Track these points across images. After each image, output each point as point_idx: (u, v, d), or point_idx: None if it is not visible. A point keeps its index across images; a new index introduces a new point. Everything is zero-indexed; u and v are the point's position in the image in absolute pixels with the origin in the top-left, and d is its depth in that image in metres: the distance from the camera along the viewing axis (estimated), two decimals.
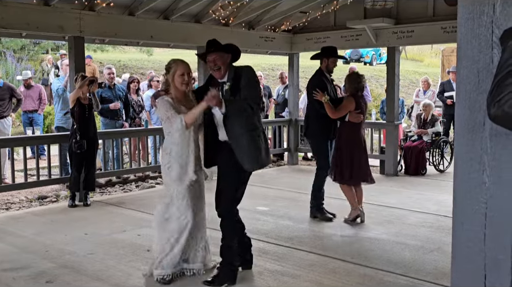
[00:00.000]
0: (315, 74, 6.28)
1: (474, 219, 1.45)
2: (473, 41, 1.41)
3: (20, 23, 6.53)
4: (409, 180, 8.74)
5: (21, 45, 18.60)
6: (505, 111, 1.18)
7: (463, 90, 1.44)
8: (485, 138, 1.40)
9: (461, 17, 1.43)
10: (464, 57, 1.43)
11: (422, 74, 19.27)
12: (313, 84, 6.06)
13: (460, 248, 1.51)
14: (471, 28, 1.41)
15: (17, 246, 5.15)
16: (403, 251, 4.97)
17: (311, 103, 6.16)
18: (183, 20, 8.17)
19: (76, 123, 6.63)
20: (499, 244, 1.41)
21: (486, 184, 1.42)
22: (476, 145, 1.42)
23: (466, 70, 1.42)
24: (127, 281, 4.22)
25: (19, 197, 7.58)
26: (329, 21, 9.48)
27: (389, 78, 9.17)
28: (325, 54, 6.18)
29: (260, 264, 4.55)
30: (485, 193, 1.42)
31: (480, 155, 1.41)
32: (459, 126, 1.47)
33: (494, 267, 1.42)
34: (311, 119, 6.19)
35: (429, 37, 8.49)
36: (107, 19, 7.25)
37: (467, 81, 1.42)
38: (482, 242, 1.44)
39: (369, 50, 26.63)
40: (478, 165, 1.42)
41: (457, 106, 1.48)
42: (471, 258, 1.48)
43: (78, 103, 6.63)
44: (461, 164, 1.47)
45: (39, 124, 10.57)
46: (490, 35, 1.37)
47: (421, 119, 9.59)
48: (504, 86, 1.19)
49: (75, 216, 6.34)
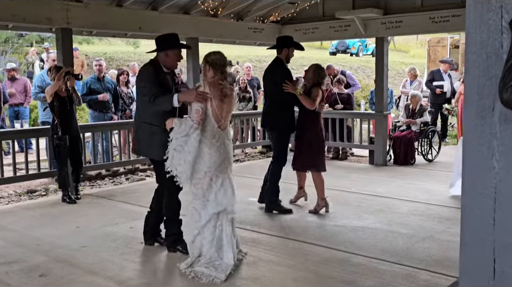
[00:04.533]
0: (277, 64, 6.09)
1: (483, 203, 1.46)
2: (482, 27, 1.41)
3: (6, 15, 6.45)
4: (398, 169, 8.80)
5: (5, 38, 18.33)
6: None
7: (471, 75, 1.44)
8: (495, 123, 1.41)
9: (469, 2, 1.43)
10: (472, 42, 1.43)
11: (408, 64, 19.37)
12: (282, 76, 5.91)
13: (470, 232, 1.52)
14: (479, 13, 1.41)
15: (8, 240, 5.10)
16: (396, 240, 5.01)
17: (277, 95, 5.95)
18: (171, 11, 8.11)
19: (57, 118, 6.44)
20: (508, 228, 1.43)
21: (495, 169, 1.43)
22: (485, 130, 1.43)
23: (475, 56, 1.43)
24: (121, 274, 4.21)
25: (7, 191, 7.50)
26: (317, 11, 9.47)
27: (378, 69, 9.21)
28: (287, 44, 6.13)
29: (255, 255, 4.56)
30: (494, 178, 1.43)
31: (489, 141, 1.42)
32: (468, 111, 1.47)
33: (503, 251, 1.44)
34: (277, 112, 6.02)
35: (417, 27, 8.53)
36: (95, 10, 7.17)
37: (476, 67, 1.43)
38: (491, 227, 1.45)
39: (355, 41, 26.71)
40: (487, 150, 1.43)
41: (466, 92, 1.48)
42: (480, 242, 1.49)
43: (57, 96, 6.43)
44: (470, 149, 1.48)
45: (26, 117, 10.44)
46: (500, 20, 1.37)
47: (409, 110, 9.64)
48: None
49: (65, 210, 6.29)
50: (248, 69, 11.30)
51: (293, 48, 6.17)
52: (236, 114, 10.29)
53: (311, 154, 6.02)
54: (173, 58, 4.59)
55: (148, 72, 4.55)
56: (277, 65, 6.10)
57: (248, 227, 5.43)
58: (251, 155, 10.71)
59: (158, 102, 4.38)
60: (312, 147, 6.01)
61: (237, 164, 9.78)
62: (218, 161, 4.20)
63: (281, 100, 5.97)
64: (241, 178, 8.10)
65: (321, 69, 6.16)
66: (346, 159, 9.97)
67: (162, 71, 4.59)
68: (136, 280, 4.08)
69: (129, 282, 4.03)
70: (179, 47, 4.64)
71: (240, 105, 10.63)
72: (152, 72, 4.52)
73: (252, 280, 4.04)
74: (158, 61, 4.61)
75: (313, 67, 6.15)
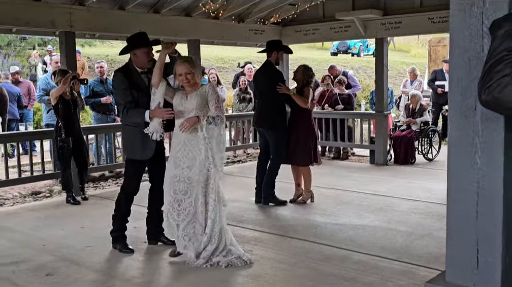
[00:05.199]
0: (268, 66, 6.41)
1: (467, 197, 1.55)
2: (465, 31, 1.50)
3: (10, 19, 6.54)
4: (399, 169, 8.87)
5: (8, 41, 18.47)
6: (494, 96, 1.27)
7: (455, 77, 1.53)
8: (477, 122, 1.50)
9: (453, 9, 1.53)
10: (456, 46, 1.53)
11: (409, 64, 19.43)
12: (277, 79, 6.23)
13: (455, 224, 1.61)
14: (462, 19, 1.51)
15: (14, 241, 5.19)
16: (395, 237, 5.09)
17: (271, 96, 6.24)
18: (173, 13, 8.20)
19: (61, 120, 6.54)
20: (490, 220, 1.52)
21: (478, 164, 1.52)
22: (468, 128, 1.52)
23: (458, 59, 1.52)
24: (125, 272, 4.30)
25: (12, 193, 7.60)
26: (318, 13, 9.55)
27: (378, 69, 9.29)
28: (278, 47, 6.42)
29: (257, 253, 4.64)
30: (477, 173, 1.52)
31: (472, 138, 1.51)
32: (453, 111, 1.56)
33: (486, 242, 1.53)
34: (273, 112, 6.29)
35: (417, 27, 8.61)
36: (97, 13, 7.26)
37: (459, 69, 1.52)
38: (474, 219, 1.54)
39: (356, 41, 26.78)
40: (470, 147, 1.52)
41: (450, 92, 1.57)
42: (464, 233, 1.58)
43: (61, 99, 6.53)
44: (454, 146, 1.57)
45: (29, 120, 10.55)
46: (481, 25, 1.47)
47: (409, 109, 9.72)
48: (493, 73, 1.28)
49: (70, 211, 6.38)
50: (249, 70, 11.38)
51: (282, 52, 6.52)
52: (237, 115, 10.40)
53: (302, 150, 6.35)
54: (142, 57, 4.60)
55: (117, 79, 4.65)
56: (268, 67, 6.41)
57: (249, 226, 5.52)
58: (253, 156, 10.79)
59: (130, 114, 4.54)
60: (304, 143, 6.35)
61: (239, 165, 9.88)
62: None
63: (275, 100, 6.26)
64: (243, 178, 8.22)
65: (309, 69, 6.48)
66: (347, 159, 10.05)
67: (135, 72, 4.64)
68: (141, 278, 4.17)
69: (133, 281, 4.12)
70: (144, 45, 4.62)
71: (240, 105, 10.73)
72: (121, 78, 4.59)
73: (254, 277, 4.12)
74: (131, 63, 4.68)
75: (301, 68, 6.46)
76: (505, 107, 1.28)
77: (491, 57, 1.30)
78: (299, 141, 6.34)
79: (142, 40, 4.62)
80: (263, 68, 6.51)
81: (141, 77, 4.64)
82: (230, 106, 13.19)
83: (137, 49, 4.58)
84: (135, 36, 4.65)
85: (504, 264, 1.52)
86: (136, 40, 4.62)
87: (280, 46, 6.47)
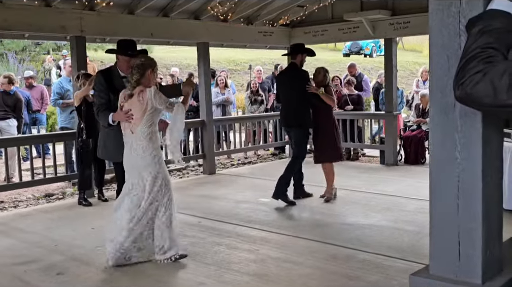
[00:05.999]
0: (294, 68, 6.62)
1: (448, 191, 1.59)
2: (443, 30, 1.55)
3: (22, 24, 6.68)
4: (409, 169, 8.86)
5: (23, 46, 18.76)
6: (467, 92, 1.32)
7: (435, 75, 1.58)
8: (456, 118, 1.55)
9: (432, 8, 1.57)
10: (435, 44, 1.57)
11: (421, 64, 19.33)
12: (305, 79, 6.51)
13: (437, 218, 1.65)
14: (440, 18, 1.55)
15: (26, 241, 5.30)
16: (401, 237, 5.11)
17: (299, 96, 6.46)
18: (182, 16, 8.30)
19: (83, 122, 6.68)
20: (471, 213, 1.56)
21: (458, 159, 1.56)
22: (448, 124, 1.56)
23: (437, 57, 1.56)
24: (135, 270, 4.37)
25: (25, 195, 7.75)
26: (326, 14, 9.58)
27: (387, 69, 9.29)
28: (302, 50, 6.68)
29: (263, 253, 4.70)
30: (457, 167, 1.56)
31: (452, 134, 1.55)
32: (434, 108, 1.61)
33: (467, 235, 1.57)
34: (302, 111, 6.52)
35: (425, 27, 8.33)
36: (107, 18, 7.38)
37: (438, 67, 1.56)
38: (456, 212, 1.58)
39: (368, 42, 26.68)
40: (450, 142, 1.56)
41: (431, 90, 1.62)
42: (446, 227, 1.62)
43: (85, 101, 6.67)
44: (436, 142, 1.61)
45: (43, 124, 10.72)
46: (458, 24, 1.51)
47: (419, 109, 9.70)
48: (467, 71, 1.32)
49: (82, 212, 6.49)
50: (259, 73, 11.45)
51: (306, 55, 6.71)
52: (248, 116, 10.47)
53: (331, 146, 6.60)
54: (122, 63, 4.86)
55: (96, 81, 4.92)
56: (294, 69, 6.64)
57: (257, 227, 5.57)
58: (263, 157, 10.85)
59: (100, 116, 4.74)
60: (332, 139, 6.60)
61: (250, 166, 9.95)
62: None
63: (304, 100, 6.48)
64: (253, 180, 8.29)
65: (328, 72, 6.90)
66: (357, 160, 10.06)
67: (117, 75, 4.85)
68: (149, 276, 4.25)
69: (141, 280, 4.20)
70: (124, 54, 4.82)
71: (252, 107, 10.79)
72: (100, 80, 4.85)
73: (259, 276, 4.18)
74: (116, 65, 4.92)
75: (323, 70, 6.80)
76: (477, 103, 1.32)
77: (466, 54, 1.34)
78: (326, 138, 6.58)
79: (126, 48, 4.83)
80: (290, 70, 6.77)
81: (122, 80, 4.81)
82: (241, 108, 13.27)
83: (120, 55, 4.84)
84: (123, 42, 4.88)
85: (484, 256, 1.56)
86: (120, 47, 4.85)
87: (304, 49, 6.71)
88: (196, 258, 4.61)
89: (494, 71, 1.27)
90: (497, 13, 1.37)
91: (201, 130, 8.99)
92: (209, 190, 7.56)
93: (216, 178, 8.57)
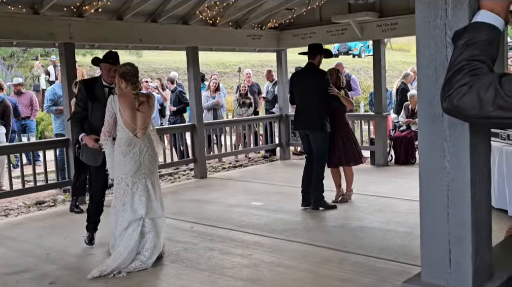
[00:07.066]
0: (313, 69, 6.39)
1: (438, 200, 1.62)
2: (430, 42, 1.58)
3: (10, 32, 6.66)
4: (399, 169, 8.92)
5: (11, 52, 18.63)
6: (454, 104, 1.35)
7: (423, 86, 1.61)
8: (444, 128, 1.57)
9: (418, 20, 1.60)
10: (422, 56, 1.60)
11: (410, 64, 19.47)
12: (326, 81, 6.32)
13: (428, 226, 1.68)
14: (427, 30, 1.58)
15: (18, 250, 5.28)
16: (393, 238, 5.14)
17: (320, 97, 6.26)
18: (170, 22, 8.30)
19: None
20: (460, 221, 1.59)
21: (447, 168, 1.59)
22: (437, 134, 1.59)
23: (425, 68, 1.59)
24: (129, 279, 4.37)
25: (16, 203, 7.70)
26: (314, 16, 9.62)
27: (376, 71, 9.35)
28: (321, 51, 6.48)
29: (256, 257, 4.72)
30: (446, 176, 1.59)
31: (441, 143, 1.58)
32: (422, 118, 1.64)
33: (457, 242, 1.60)
34: (322, 113, 6.26)
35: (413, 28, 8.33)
36: (96, 25, 7.37)
37: (426, 78, 1.59)
38: (446, 220, 1.61)
39: (357, 43, 26.79)
40: (439, 151, 1.59)
41: (419, 100, 1.65)
42: (436, 235, 1.65)
43: None
44: (425, 151, 1.64)
45: (32, 130, 10.65)
46: (444, 36, 1.54)
47: (408, 110, 9.77)
48: (453, 83, 1.35)
49: (73, 219, 6.46)
50: (248, 76, 11.47)
51: (323, 55, 6.53)
52: (237, 119, 10.49)
53: (352, 149, 6.57)
54: (103, 71, 5.08)
55: (79, 88, 5.21)
56: (313, 70, 6.42)
57: (250, 231, 5.59)
58: (254, 160, 10.87)
59: (72, 126, 5.14)
60: (351, 142, 6.61)
61: (241, 169, 9.95)
62: (133, 168, 4.48)
63: (324, 102, 6.28)
64: (245, 183, 8.30)
65: (340, 73, 6.94)
66: None
67: (100, 84, 5.07)
68: (144, 285, 4.25)
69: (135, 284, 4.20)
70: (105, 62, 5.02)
71: (241, 110, 10.81)
72: (80, 88, 5.13)
73: (253, 281, 4.19)
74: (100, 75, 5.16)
75: (336, 72, 6.79)
76: (464, 114, 1.35)
77: (452, 66, 1.37)
78: (347, 141, 6.53)
79: (107, 57, 5.03)
80: (308, 71, 6.47)
81: (104, 90, 5.00)
82: (231, 111, 13.27)
83: (102, 63, 5.06)
84: (107, 53, 5.08)
85: (474, 263, 1.59)
86: (104, 57, 5.08)
87: (323, 50, 6.58)
88: (190, 264, 4.62)
89: (480, 83, 1.30)
90: (483, 26, 1.40)
91: (191, 134, 8.99)
92: (200, 195, 7.57)
93: (207, 182, 8.57)
